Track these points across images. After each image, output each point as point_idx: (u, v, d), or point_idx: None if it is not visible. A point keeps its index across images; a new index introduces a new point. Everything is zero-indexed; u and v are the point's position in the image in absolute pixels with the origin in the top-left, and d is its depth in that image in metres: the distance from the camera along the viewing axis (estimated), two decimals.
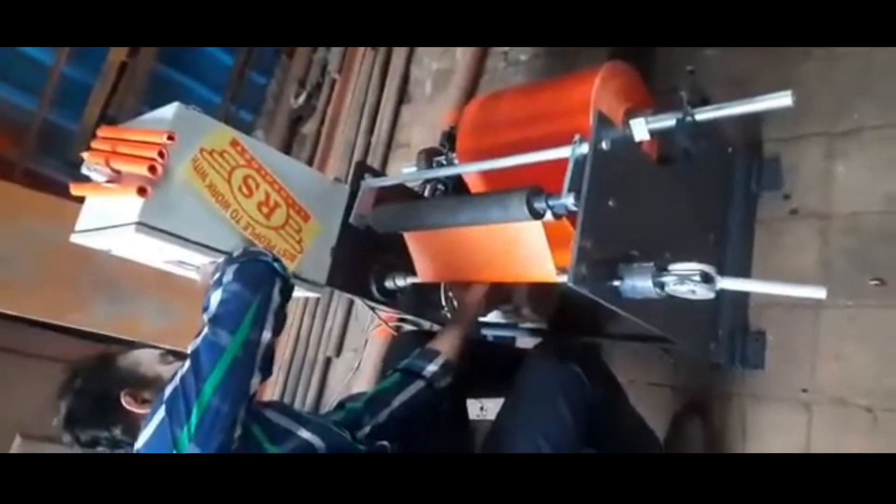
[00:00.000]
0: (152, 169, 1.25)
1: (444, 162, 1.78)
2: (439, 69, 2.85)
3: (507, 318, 1.81)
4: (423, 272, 1.59)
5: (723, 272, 1.26)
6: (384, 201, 1.66)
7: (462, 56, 2.72)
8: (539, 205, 1.25)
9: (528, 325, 1.83)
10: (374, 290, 1.67)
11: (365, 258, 1.65)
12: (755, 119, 1.73)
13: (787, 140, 1.69)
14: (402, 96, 2.94)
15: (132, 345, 1.33)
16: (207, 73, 3.25)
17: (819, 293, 1.08)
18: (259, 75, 3.43)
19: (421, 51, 2.95)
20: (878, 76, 1.60)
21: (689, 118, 1.40)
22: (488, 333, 1.90)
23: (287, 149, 3.32)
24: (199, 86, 3.15)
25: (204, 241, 1.35)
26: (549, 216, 1.27)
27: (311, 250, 1.54)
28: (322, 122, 3.20)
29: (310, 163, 3.17)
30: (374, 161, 2.83)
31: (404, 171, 1.90)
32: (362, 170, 1.68)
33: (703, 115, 1.40)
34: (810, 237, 1.60)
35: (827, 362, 1.47)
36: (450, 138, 1.83)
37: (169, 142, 1.27)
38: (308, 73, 3.34)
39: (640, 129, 1.45)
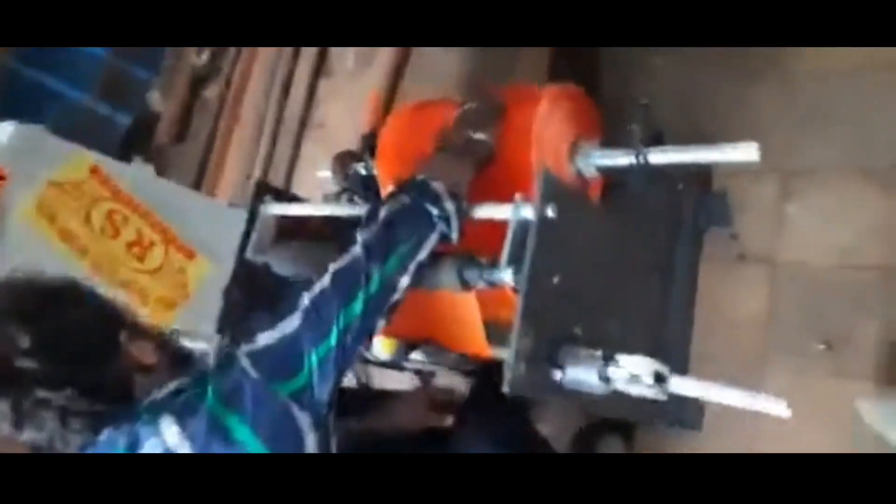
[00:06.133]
0: None
1: (363, 171, 1.56)
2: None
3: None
4: None
5: (666, 317, 1.27)
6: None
7: None
8: (471, 275, 1.06)
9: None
10: None
11: (266, 298, 1.41)
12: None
13: (738, 174, 1.55)
14: (321, 67, 2.62)
15: None
16: None
17: (782, 410, 0.96)
18: None
19: None
20: (838, 110, 1.47)
21: (642, 160, 1.24)
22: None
23: (187, 113, 2.95)
24: None
25: None
26: (481, 285, 1.09)
27: (198, 294, 1.29)
28: (227, 86, 2.84)
29: (212, 133, 2.82)
30: (285, 140, 2.54)
31: (318, 174, 1.66)
32: (263, 191, 1.42)
33: (658, 158, 1.25)
34: (758, 283, 1.50)
35: (768, 437, 1.37)
36: (370, 143, 1.60)
37: None
38: None
39: (588, 167, 1.30)
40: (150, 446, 0.86)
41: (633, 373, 0.99)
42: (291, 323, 0.92)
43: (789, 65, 1.55)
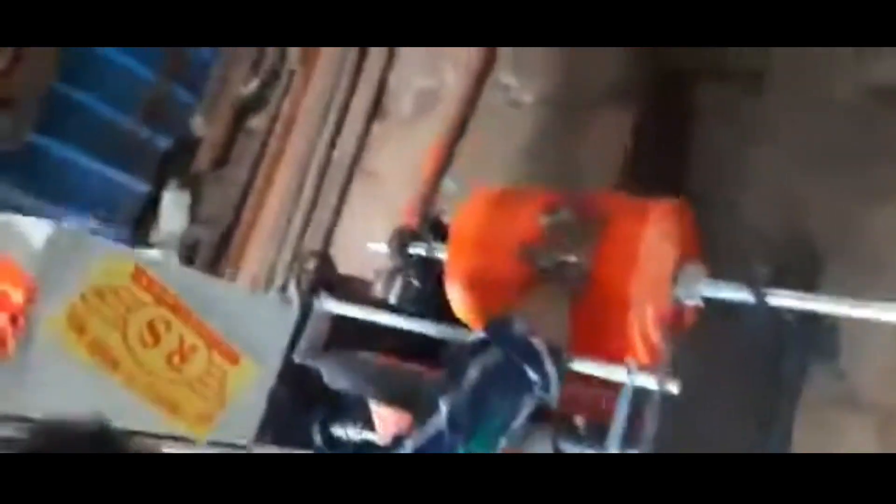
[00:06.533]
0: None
1: (424, 253, 1.40)
2: (423, 87, 2.39)
3: None
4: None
5: None
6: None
7: (453, 78, 2.27)
8: (568, 448, 0.90)
9: None
10: (317, 439, 1.29)
11: (310, 399, 1.26)
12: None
13: None
14: (376, 109, 2.47)
15: None
16: None
17: None
18: (204, 48, 2.86)
19: (403, 57, 2.46)
20: None
21: (763, 303, 1.09)
22: None
23: (230, 140, 2.82)
24: (125, 56, 2.53)
25: None
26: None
27: (238, 398, 1.14)
28: (275, 119, 2.71)
29: (255, 161, 2.68)
30: (331, 185, 2.39)
31: (370, 246, 1.51)
32: (318, 282, 1.27)
33: (781, 301, 1.09)
34: (864, 431, 1.31)
35: None
36: (436, 227, 1.46)
37: (27, 305, 0.83)
38: (263, 55, 2.81)
39: (692, 297, 1.15)
40: None
41: None
42: None
43: None
